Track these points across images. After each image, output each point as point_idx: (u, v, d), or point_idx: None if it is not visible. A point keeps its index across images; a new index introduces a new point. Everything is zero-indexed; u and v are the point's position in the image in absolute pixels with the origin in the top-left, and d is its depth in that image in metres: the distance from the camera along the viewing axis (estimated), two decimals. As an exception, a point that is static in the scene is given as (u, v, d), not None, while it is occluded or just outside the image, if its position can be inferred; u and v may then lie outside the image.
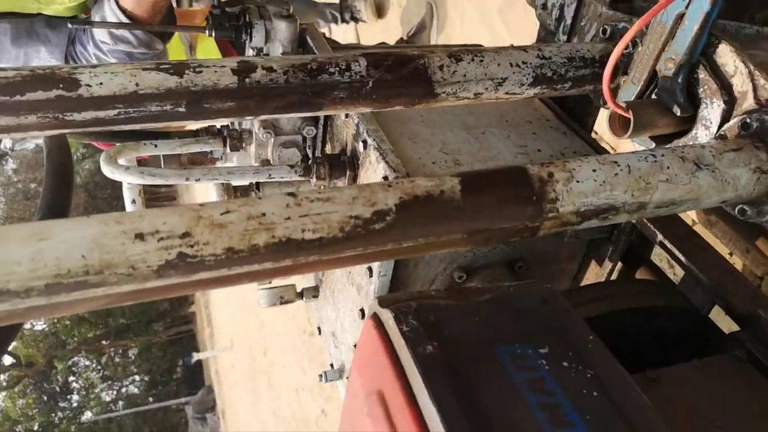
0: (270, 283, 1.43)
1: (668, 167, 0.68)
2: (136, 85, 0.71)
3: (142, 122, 0.72)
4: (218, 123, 0.79)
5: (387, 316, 0.66)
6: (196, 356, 19.73)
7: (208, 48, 2.42)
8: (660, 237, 1.04)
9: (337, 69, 0.79)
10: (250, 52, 1.20)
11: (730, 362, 0.85)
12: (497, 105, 1.26)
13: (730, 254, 1.69)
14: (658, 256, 1.29)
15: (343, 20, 3.73)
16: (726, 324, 0.95)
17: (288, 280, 1.51)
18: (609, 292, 0.94)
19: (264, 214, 0.53)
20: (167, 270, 0.50)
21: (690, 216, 1.81)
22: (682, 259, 1.01)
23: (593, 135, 1.33)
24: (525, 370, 0.63)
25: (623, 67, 0.90)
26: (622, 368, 0.65)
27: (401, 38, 3.39)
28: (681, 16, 0.79)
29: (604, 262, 1.22)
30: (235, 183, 1.13)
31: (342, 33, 4.10)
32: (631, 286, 1.04)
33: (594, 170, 0.66)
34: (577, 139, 1.19)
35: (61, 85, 0.68)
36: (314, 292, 1.42)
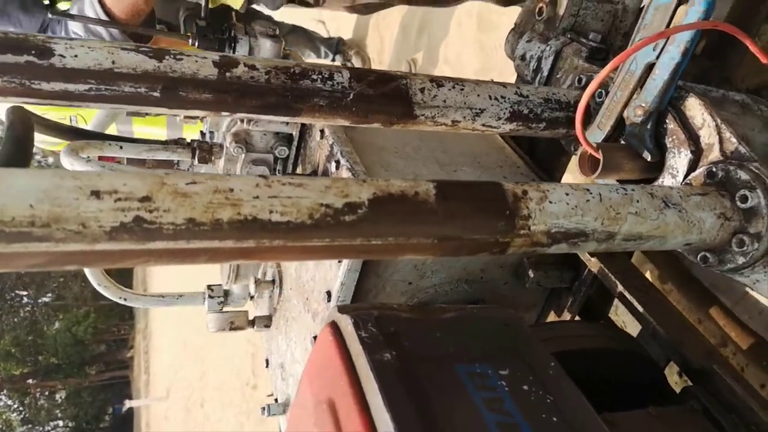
0: (221, 306, 1.38)
1: (638, 201, 0.69)
2: (112, 63, 0.69)
3: (113, 102, 0.70)
4: (194, 114, 0.77)
5: (346, 323, 0.63)
6: (128, 404, 18.66)
7: None
8: (620, 288, 1.05)
9: (320, 76, 0.79)
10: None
11: (686, 413, 0.84)
12: (471, 147, 1.28)
13: (684, 324, 1.71)
14: (615, 312, 1.30)
15: (333, 59, 3.80)
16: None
17: (239, 307, 1.46)
18: (571, 332, 0.92)
19: (232, 190, 0.51)
20: (120, 233, 0.47)
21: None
22: (641, 310, 1.01)
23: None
24: (484, 389, 0.60)
25: (594, 113, 0.93)
26: (583, 397, 0.63)
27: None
28: (651, 66, 0.82)
29: (564, 312, 1.22)
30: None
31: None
32: (595, 329, 1.04)
33: (567, 194, 0.66)
34: (545, 187, 1.21)
35: (33, 52, 0.65)
36: (267, 321, 1.37)
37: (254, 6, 1.62)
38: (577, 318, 1.23)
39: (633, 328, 1.12)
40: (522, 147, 1.38)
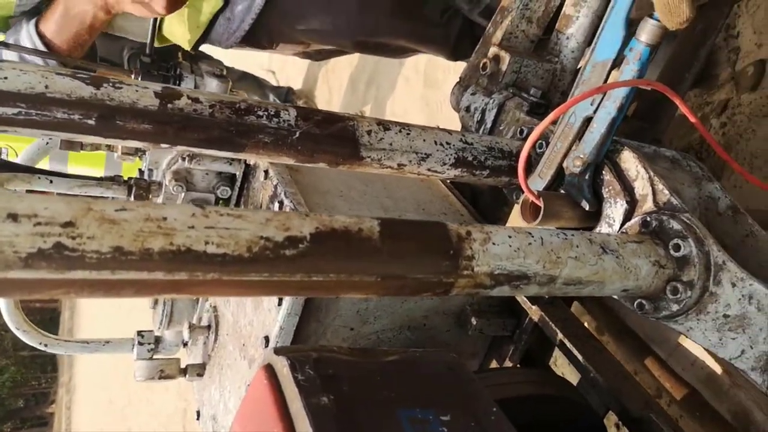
0: (151, 353, 1.30)
1: (577, 246, 0.70)
2: (45, 87, 0.65)
3: (44, 128, 0.66)
4: (131, 144, 0.74)
5: (282, 365, 0.60)
6: (43, 465, 17.19)
7: None
8: (560, 336, 1.05)
9: (266, 113, 0.78)
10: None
11: (625, 463, 0.84)
12: (415, 194, 1.29)
13: (620, 376, 1.74)
14: (554, 363, 1.30)
15: None
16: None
17: (171, 354, 1.38)
18: (512, 379, 0.91)
19: (165, 218, 0.48)
20: (38, 260, 0.43)
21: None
22: (580, 359, 1.01)
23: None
24: (425, 436, 0.58)
25: (535, 163, 0.96)
26: (525, 444, 0.61)
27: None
28: (589, 120, 0.86)
29: (505, 361, 1.21)
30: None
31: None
32: (536, 375, 1.03)
33: (510, 236, 0.66)
34: (488, 235, 1.23)
35: (-43, 71, 0.62)
36: (200, 369, 1.30)
37: (204, 49, 1.61)
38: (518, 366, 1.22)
39: (573, 378, 1.13)
40: (465, 196, 1.40)
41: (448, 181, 1.43)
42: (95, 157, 2.70)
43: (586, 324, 1.88)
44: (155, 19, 1.26)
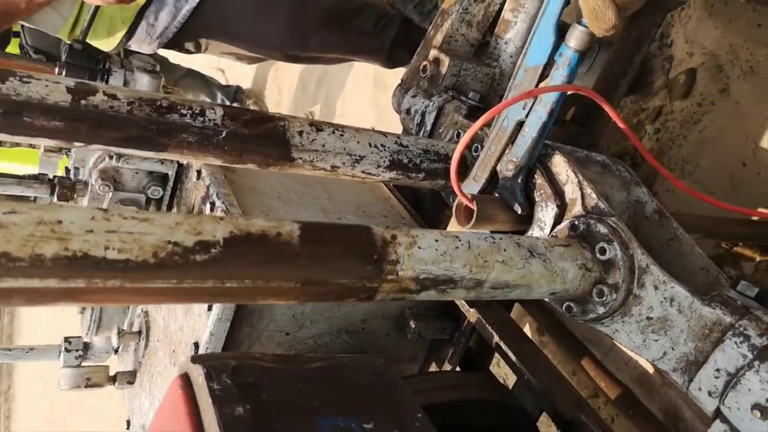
0: (79, 360, 1.24)
1: (505, 249, 0.70)
2: (-58, 79, 0.61)
3: (-60, 123, 0.62)
4: (40, 142, 0.70)
5: (198, 373, 0.57)
6: (-22, 478, 16.34)
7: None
8: (497, 338, 1.06)
9: (190, 111, 0.75)
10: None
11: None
12: (356, 196, 1.27)
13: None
14: (497, 364, 1.31)
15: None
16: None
17: (101, 361, 1.32)
18: (445, 383, 0.91)
19: (60, 222, 0.45)
20: None
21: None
22: (515, 361, 1.02)
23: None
24: (346, 445, 0.56)
25: (470, 166, 0.96)
26: (448, 451, 0.61)
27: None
28: (521, 124, 0.87)
29: (444, 364, 1.21)
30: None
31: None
32: (471, 379, 1.03)
33: (436, 240, 0.65)
34: (427, 238, 1.22)
35: None
36: (130, 377, 1.25)
37: (131, 47, 1.55)
38: (458, 369, 1.22)
39: (512, 379, 1.13)
40: (407, 199, 1.40)
41: (391, 183, 1.43)
42: (28, 154, 2.58)
43: (527, 325, 1.91)
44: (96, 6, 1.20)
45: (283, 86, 3.72)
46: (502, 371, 1.56)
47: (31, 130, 0.66)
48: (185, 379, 0.59)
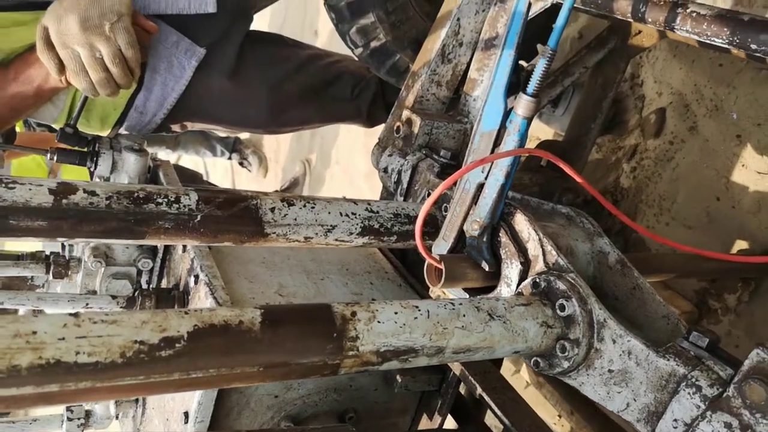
0: (81, 428, 1.28)
1: (464, 315, 0.74)
2: (-67, 192, 0.67)
3: (-67, 232, 0.67)
4: (28, 242, 0.75)
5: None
6: None
7: (73, 173, 2.34)
8: (479, 390, 1.09)
9: (166, 200, 0.80)
10: (96, 180, 1.19)
11: None
12: (341, 255, 1.32)
13: (559, 416, 1.78)
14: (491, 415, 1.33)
15: (230, 158, 3.83)
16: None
17: (103, 428, 1.35)
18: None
19: (35, 333, 0.50)
20: None
21: (524, 378, 1.91)
22: (498, 412, 1.05)
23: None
24: None
25: (441, 226, 1.00)
26: None
27: (276, 191, 3.53)
28: (482, 186, 0.91)
29: (434, 415, 1.23)
30: (47, 310, 1.04)
31: (222, 168, 4.18)
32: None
33: (396, 312, 0.70)
34: (411, 292, 1.27)
35: None
36: (129, 444, 1.28)
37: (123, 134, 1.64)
38: (453, 421, 1.25)
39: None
40: (393, 252, 1.44)
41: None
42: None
43: (523, 367, 1.92)
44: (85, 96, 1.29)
45: (280, 136, 3.81)
46: (495, 422, 1.58)
47: (17, 231, 0.71)
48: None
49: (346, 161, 3.01)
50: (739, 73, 1.43)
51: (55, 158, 1.13)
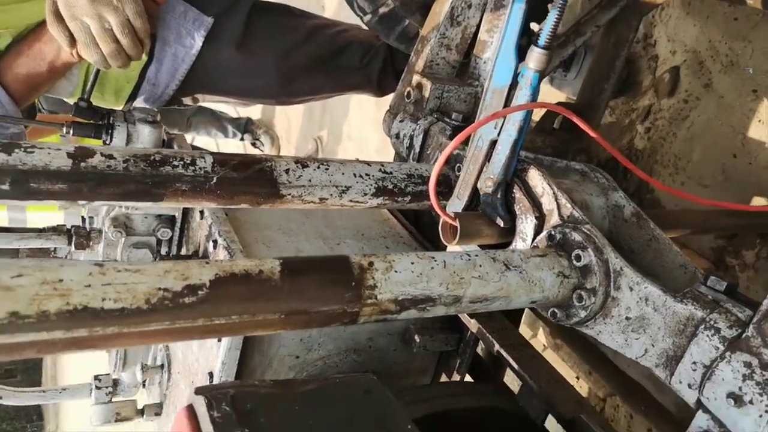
0: (110, 396, 1.31)
1: (480, 265, 0.75)
2: (-43, 156, 0.69)
3: (-42, 195, 0.69)
4: (48, 204, 0.77)
5: (200, 404, 0.63)
6: None
7: None
8: (497, 346, 1.10)
9: (182, 162, 0.81)
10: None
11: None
12: (355, 220, 1.33)
13: (577, 378, 1.79)
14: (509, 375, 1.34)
15: (242, 139, 3.85)
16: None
17: (130, 396, 1.39)
18: (447, 392, 0.95)
19: (61, 280, 0.51)
20: (-65, 331, 0.46)
21: (541, 341, 1.92)
22: (516, 367, 1.06)
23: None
24: (339, 461, 0.61)
25: (454, 185, 1.01)
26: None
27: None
28: (494, 142, 0.91)
29: (453, 374, 1.25)
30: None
31: (234, 149, 4.21)
32: (472, 387, 1.07)
33: (412, 263, 0.70)
34: (426, 255, 1.27)
35: None
36: (157, 409, 1.31)
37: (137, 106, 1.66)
38: (468, 379, 1.26)
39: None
40: (407, 217, 1.45)
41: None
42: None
43: (540, 330, 1.94)
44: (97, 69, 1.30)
45: (291, 115, 3.81)
46: (513, 380, 1.59)
47: (38, 194, 0.73)
48: (190, 410, 0.64)
49: (358, 136, 3.01)
50: (754, 27, 1.41)
51: (71, 132, 1.14)
